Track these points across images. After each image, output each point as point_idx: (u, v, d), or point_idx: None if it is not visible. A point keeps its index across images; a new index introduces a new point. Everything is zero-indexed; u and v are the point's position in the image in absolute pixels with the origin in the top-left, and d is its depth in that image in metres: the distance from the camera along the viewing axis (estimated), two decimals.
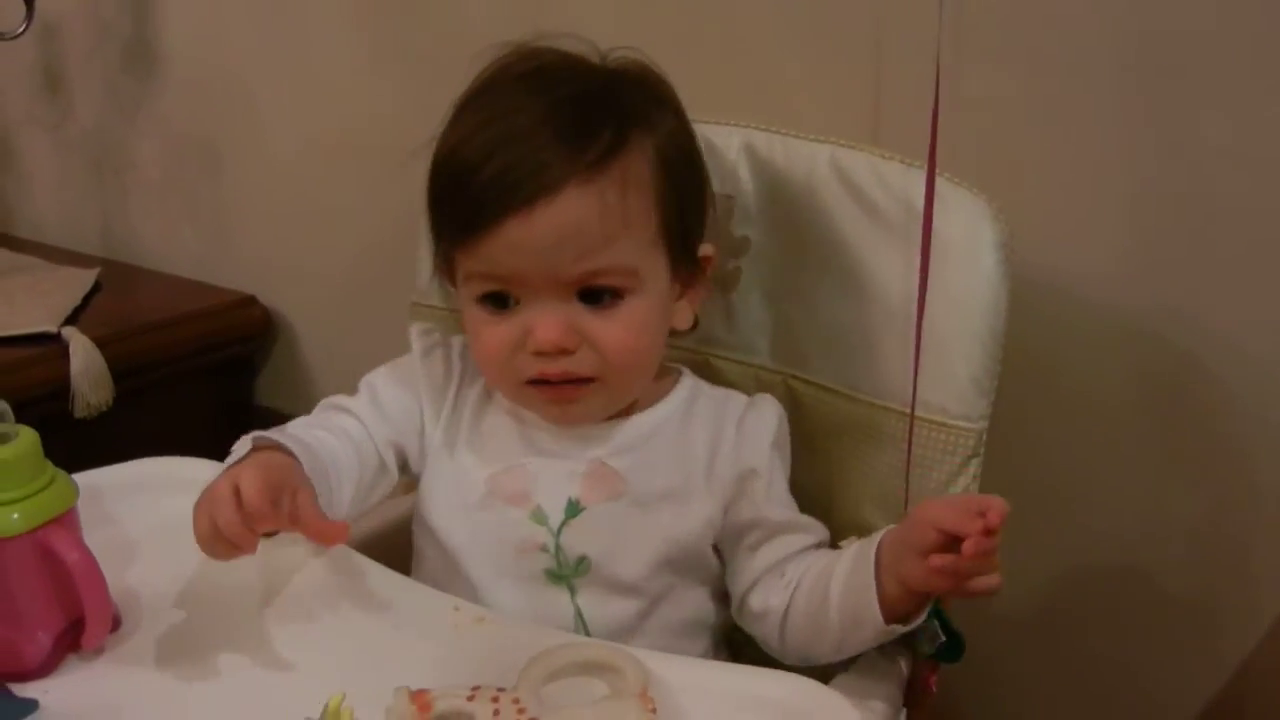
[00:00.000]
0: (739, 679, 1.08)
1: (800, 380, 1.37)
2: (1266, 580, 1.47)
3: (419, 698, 0.99)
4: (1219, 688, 1.52)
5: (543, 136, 1.16)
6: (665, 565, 1.26)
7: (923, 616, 1.15)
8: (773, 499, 1.27)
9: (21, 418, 1.11)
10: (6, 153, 2.78)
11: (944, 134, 1.19)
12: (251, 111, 2.29)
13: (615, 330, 1.19)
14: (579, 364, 1.20)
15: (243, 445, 1.22)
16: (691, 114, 1.28)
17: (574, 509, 1.26)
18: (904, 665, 1.27)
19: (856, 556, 1.17)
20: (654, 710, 0.99)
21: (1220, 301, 1.40)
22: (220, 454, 1.41)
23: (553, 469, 1.27)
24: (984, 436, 1.26)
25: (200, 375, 2.33)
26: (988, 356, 1.24)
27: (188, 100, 2.39)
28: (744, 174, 1.36)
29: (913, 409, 1.25)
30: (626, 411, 1.29)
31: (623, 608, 1.25)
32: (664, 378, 1.32)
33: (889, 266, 1.28)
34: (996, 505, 1.04)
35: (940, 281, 1.22)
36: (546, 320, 1.18)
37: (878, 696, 1.20)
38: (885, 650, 1.26)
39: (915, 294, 1.23)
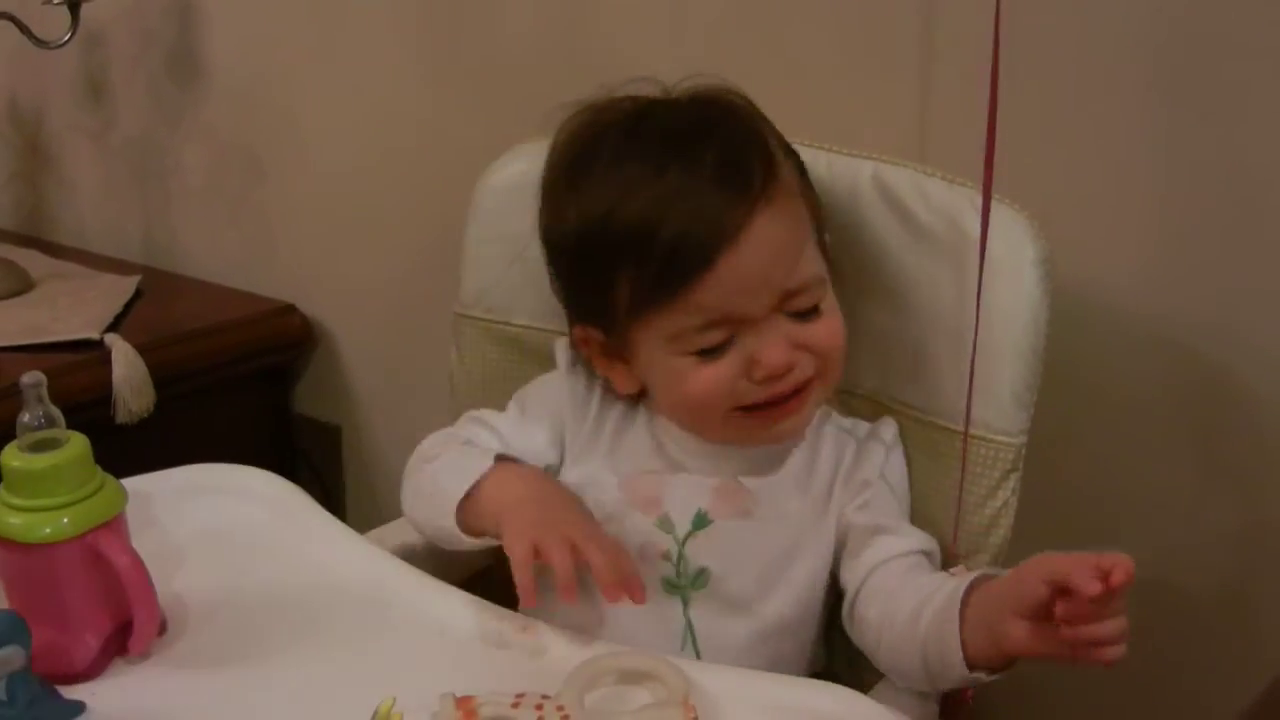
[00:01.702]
0: (779, 688, 1.09)
1: (848, 394, 1.38)
2: None
3: (464, 704, 1.00)
4: (1257, 695, 1.52)
5: (705, 185, 1.17)
6: (782, 592, 1.27)
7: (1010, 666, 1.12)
8: (877, 507, 1.28)
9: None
10: (50, 160, 2.80)
11: (982, 149, 1.20)
12: (294, 121, 2.30)
13: (824, 334, 1.23)
14: (801, 374, 1.22)
15: (469, 457, 1.27)
16: None
17: (702, 520, 1.27)
18: None
19: (949, 599, 1.13)
20: (695, 718, 1.00)
21: (1254, 311, 1.40)
22: (259, 461, 1.43)
23: (686, 481, 1.29)
24: (1023, 451, 1.26)
25: (240, 383, 2.34)
26: (1029, 371, 1.24)
27: (231, 109, 2.40)
28: None
29: (966, 425, 1.26)
30: None
31: (734, 627, 1.26)
32: None
33: (931, 282, 1.29)
34: (1122, 564, 0.99)
35: (983, 298, 1.23)
36: (772, 346, 1.20)
37: (915, 707, 1.20)
38: None
39: (957, 309, 1.25)
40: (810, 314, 1.22)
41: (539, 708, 1.01)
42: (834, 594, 1.30)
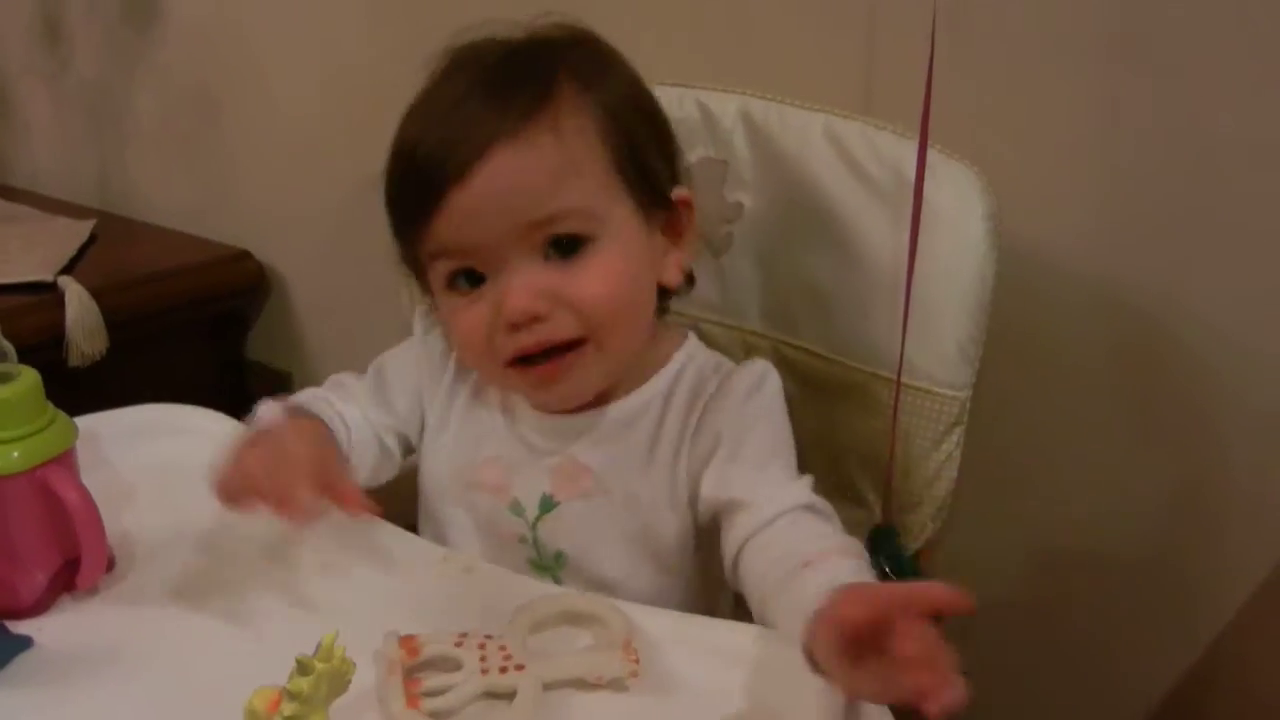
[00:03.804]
0: (718, 632, 1.09)
1: (790, 345, 1.38)
2: (1239, 556, 1.48)
3: (407, 642, 1.01)
4: (1191, 662, 1.54)
5: (470, 106, 1.14)
6: (648, 564, 1.25)
7: None
8: (734, 468, 1.19)
9: None
10: (4, 103, 2.79)
11: (933, 105, 1.21)
12: (250, 65, 2.29)
13: (589, 283, 1.15)
14: (557, 329, 1.15)
15: (268, 408, 1.23)
16: (689, 81, 1.29)
17: (548, 504, 1.25)
18: None
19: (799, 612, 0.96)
20: (637, 660, 1.01)
21: (1197, 277, 1.41)
22: (212, 405, 1.43)
23: (530, 463, 1.26)
24: (968, 405, 1.27)
25: (193, 328, 2.35)
26: (974, 325, 1.25)
27: (187, 52, 2.39)
28: (739, 140, 1.37)
29: (899, 373, 1.27)
30: (613, 392, 1.25)
31: None
32: (661, 345, 1.28)
33: (879, 235, 1.29)
34: (933, 592, 0.88)
35: (929, 250, 1.24)
36: (512, 287, 1.14)
37: None
38: None
39: (905, 262, 1.24)
40: (574, 259, 1.15)
41: (482, 646, 1.01)
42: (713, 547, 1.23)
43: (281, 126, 2.28)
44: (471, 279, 1.17)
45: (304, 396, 1.31)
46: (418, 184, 1.15)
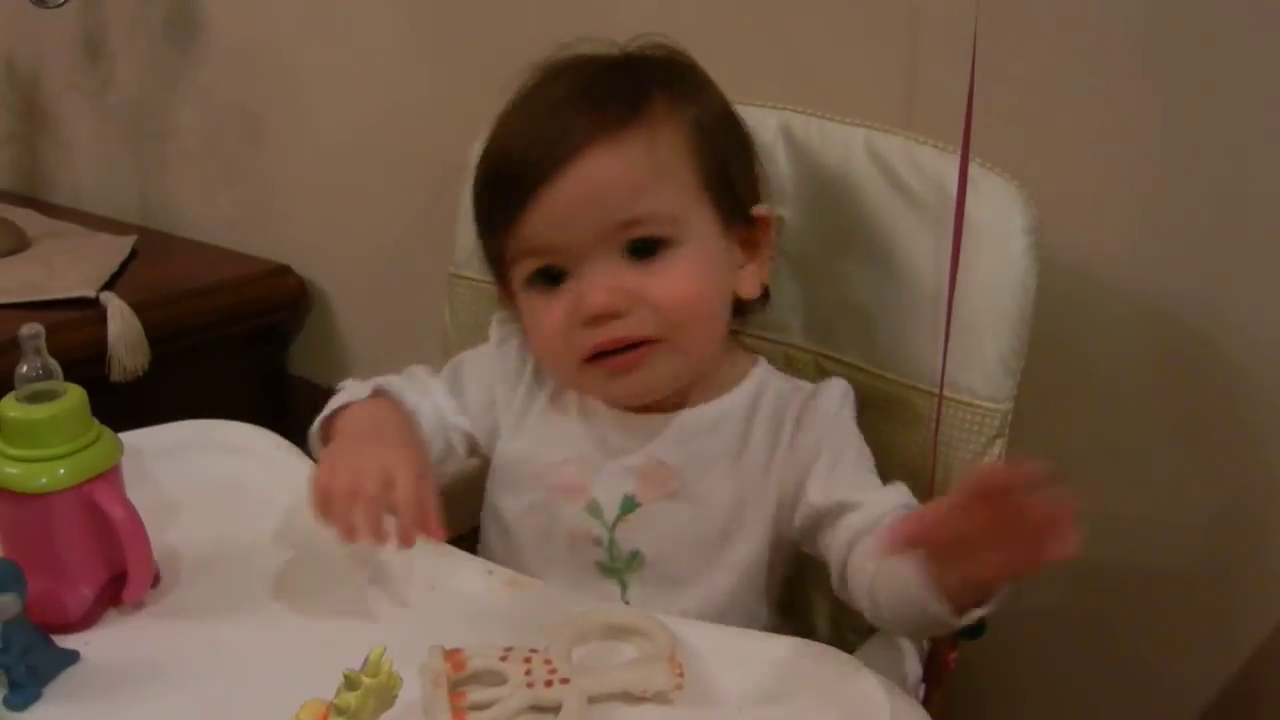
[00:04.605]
0: (764, 646, 1.09)
1: (831, 359, 1.38)
2: None
3: (453, 656, 1.02)
4: (1233, 673, 1.53)
5: (565, 112, 1.19)
6: (721, 569, 1.26)
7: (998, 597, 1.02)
8: (839, 474, 1.22)
9: None
10: (48, 120, 2.80)
11: (975, 118, 1.20)
12: (292, 82, 2.30)
13: (667, 282, 1.19)
14: (635, 326, 1.19)
15: (354, 388, 1.28)
16: (730, 96, 1.30)
17: (630, 504, 1.26)
18: (924, 641, 1.29)
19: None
20: (681, 674, 1.02)
21: (1240, 288, 1.40)
22: (253, 418, 1.44)
23: (612, 464, 1.28)
24: (1009, 417, 1.27)
25: (234, 343, 2.35)
26: (1015, 338, 1.25)
27: (228, 70, 2.40)
28: (780, 155, 1.37)
29: (940, 388, 1.26)
30: (690, 399, 1.28)
31: (674, 607, 1.21)
32: (737, 363, 1.31)
33: (921, 249, 1.29)
34: (987, 472, 0.95)
35: (970, 264, 1.23)
36: (594, 284, 1.18)
37: (898, 669, 1.21)
38: None
39: (946, 276, 1.24)
40: (654, 259, 1.19)
41: (527, 660, 1.02)
42: (785, 560, 1.30)
43: (322, 142, 2.29)
44: (552, 278, 1.21)
45: (387, 383, 1.33)
46: (509, 182, 1.19)
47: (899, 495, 1.20)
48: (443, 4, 2.02)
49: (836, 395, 1.28)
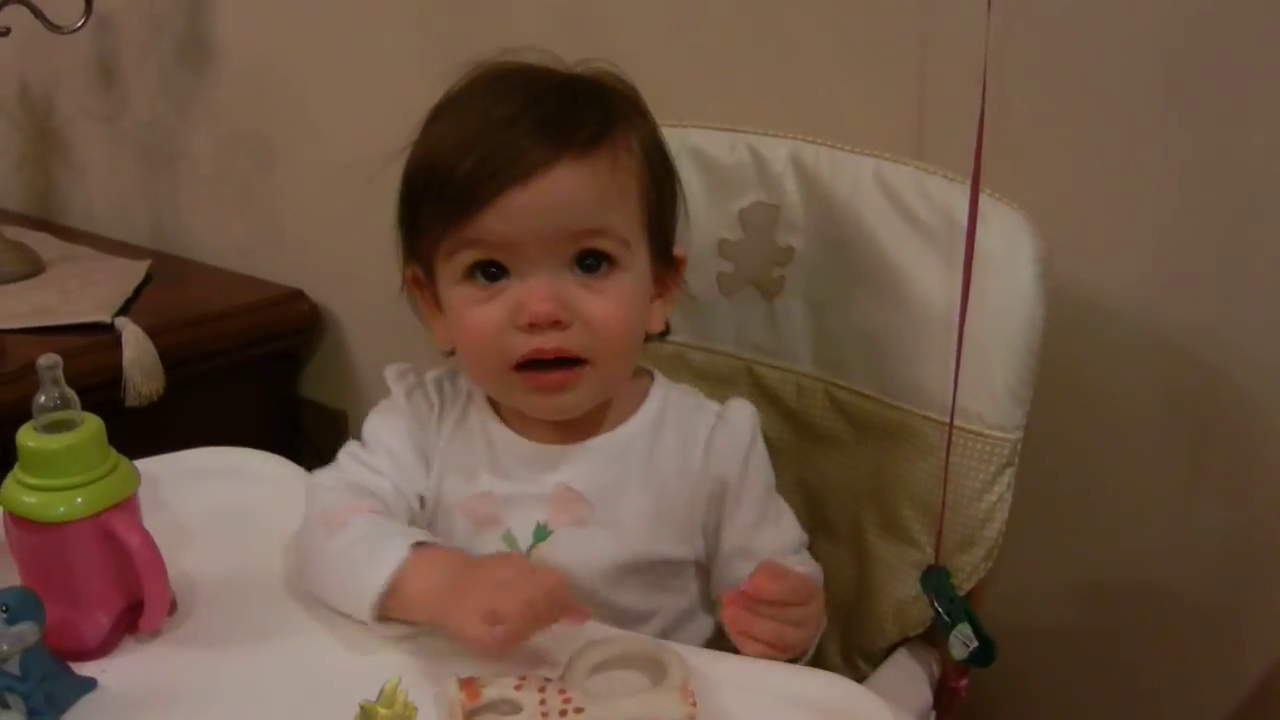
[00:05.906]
0: (778, 677, 1.10)
1: (841, 388, 1.39)
2: None
3: (468, 685, 1.02)
4: (1242, 699, 1.53)
5: (524, 125, 1.17)
6: (645, 587, 1.28)
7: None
8: (741, 512, 1.29)
9: None
10: (61, 144, 2.82)
11: (985, 149, 1.21)
12: (303, 107, 2.31)
13: (607, 305, 1.19)
14: (571, 341, 1.18)
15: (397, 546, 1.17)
16: (740, 125, 1.30)
17: (542, 533, 1.27)
18: (935, 668, 1.30)
19: None
20: (694, 704, 1.02)
21: (1249, 320, 1.40)
22: (266, 445, 1.45)
23: (521, 494, 1.28)
24: (1019, 446, 1.27)
25: (248, 367, 2.36)
26: (1024, 368, 1.25)
27: (241, 95, 2.41)
28: (790, 184, 1.38)
29: (951, 418, 1.27)
30: (596, 427, 1.29)
31: (616, 624, 1.20)
32: (637, 384, 1.32)
33: (930, 278, 1.29)
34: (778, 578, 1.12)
35: (980, 293, 1.23)
36: (540, 290, 1.17)
37: (909, 698, 1.22)
38: (917, 653, 1.29)
39: (956, 306, 1.24)
40: (598, 276, 1.19)
41: (541, 689, 1.02)
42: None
43: (334, 166, 2.29)
44: (489, 275, 1.20)
45: (368, 506, 1.26)
46: (465, 186, 1.16)
47: (792, 535, 1.32)
48: (455, 29, 2.02)
49: (747, 426, 1.31)
